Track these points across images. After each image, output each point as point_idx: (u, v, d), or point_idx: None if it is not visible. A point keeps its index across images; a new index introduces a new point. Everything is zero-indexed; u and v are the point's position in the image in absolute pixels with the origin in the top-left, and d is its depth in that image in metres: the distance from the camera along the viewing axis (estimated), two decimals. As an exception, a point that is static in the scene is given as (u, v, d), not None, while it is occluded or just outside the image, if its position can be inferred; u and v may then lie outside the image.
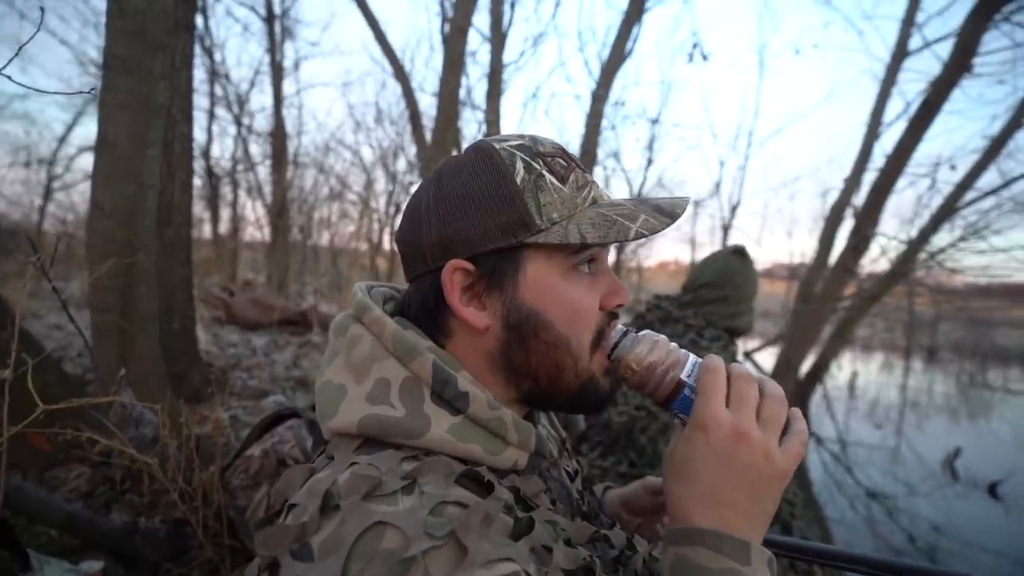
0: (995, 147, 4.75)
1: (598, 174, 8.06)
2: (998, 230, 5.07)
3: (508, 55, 6.68)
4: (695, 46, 5.26)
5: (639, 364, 0.49)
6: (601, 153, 7.46)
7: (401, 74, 5.66)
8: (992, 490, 3.94)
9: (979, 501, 3.83)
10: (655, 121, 7.71)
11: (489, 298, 0.50)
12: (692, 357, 0.49)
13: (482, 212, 0.49)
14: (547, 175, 0.50)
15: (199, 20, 7.60)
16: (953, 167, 5.26)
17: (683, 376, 0.47)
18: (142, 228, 1.73)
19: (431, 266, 0.51)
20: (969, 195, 4.82)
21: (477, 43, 8.57)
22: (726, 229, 8.08)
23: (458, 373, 0.48)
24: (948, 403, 7.45)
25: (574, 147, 4.33)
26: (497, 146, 0.51)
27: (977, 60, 3.79)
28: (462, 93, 6.14)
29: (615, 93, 7.07)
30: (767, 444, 0.44)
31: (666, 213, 0.49)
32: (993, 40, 3.96)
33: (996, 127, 4.77)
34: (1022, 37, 4.28)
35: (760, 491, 0.43)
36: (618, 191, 9.53)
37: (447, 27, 4.07)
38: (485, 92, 4.48)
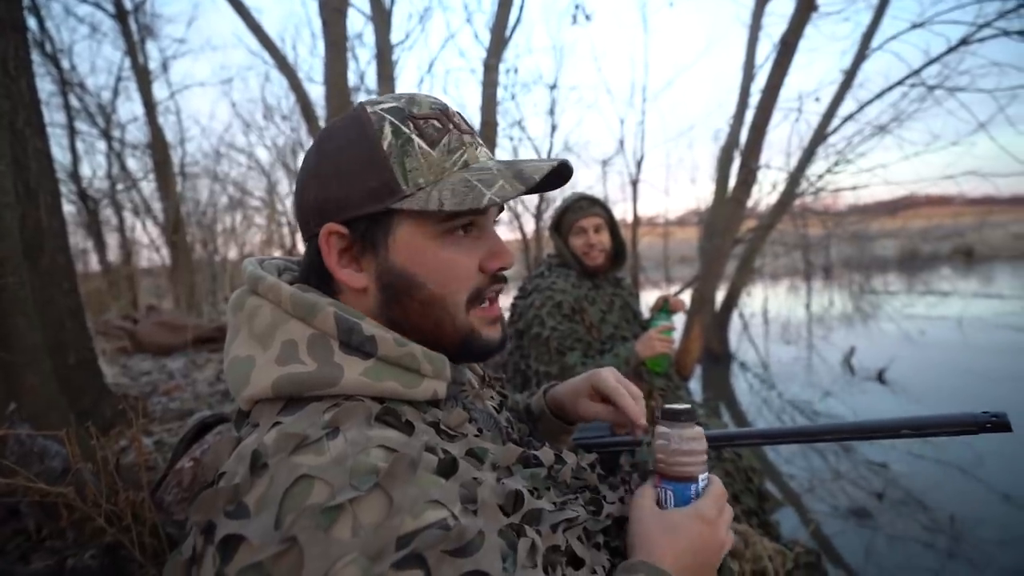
0: (848, 79, 5.31)
1: (505, 145, 8.09)
2: (862, 152, 5.72)
3: (396, 35, 6.48)
4: (577, 7, 5.38)
5: (680, 440, 0.57)
6: (505, 123, 7.49)
7: (284, 65, 5.33)
8: (880, 377, 4.54)
9: (872, 389, 4.39)
10: (553, 86, 7.82)
11: (364, 260, 0.53)
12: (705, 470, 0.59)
13: (351, 178, 0.50)
14: (416, 139, 0.50)
15: (32, 21, 6.67)
16: (817, 99, 5.81)
17: (700, 476, 0.57)
18: (5, 251, 1.56)
19: (313, 231, 0.53)
20: (834, 123, 5.39)
21: (362, 24, 8.23)
22: (635, 184, 8.41)
23: (361, 320, 0.50)
24: (844, 312, 8.39)
25: (475, 120, 4.34)
26: (370, 110, 0.52)
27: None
28: (354, 78, 5.90)
29: (509, 62, 7.10)
30: (726, 552, 0.57)
31: (524, 179, 0.50)
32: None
33: (847, 61, 5.34)
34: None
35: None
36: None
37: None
38: (376, 74, 4.34)
